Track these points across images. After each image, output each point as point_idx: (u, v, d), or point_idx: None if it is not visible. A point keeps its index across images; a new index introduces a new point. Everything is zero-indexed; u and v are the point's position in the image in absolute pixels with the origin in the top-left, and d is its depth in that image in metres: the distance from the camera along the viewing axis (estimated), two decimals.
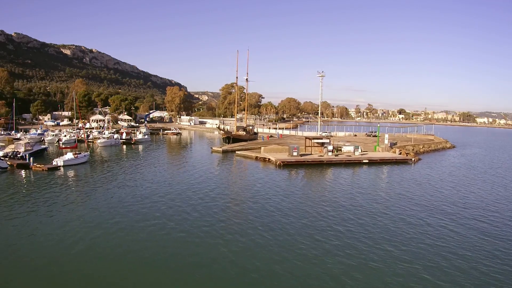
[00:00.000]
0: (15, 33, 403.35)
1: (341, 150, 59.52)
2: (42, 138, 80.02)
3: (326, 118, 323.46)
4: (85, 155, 49.61)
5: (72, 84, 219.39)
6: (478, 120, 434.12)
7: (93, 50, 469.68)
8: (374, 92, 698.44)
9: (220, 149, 63.58)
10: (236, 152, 60.24)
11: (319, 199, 33.60)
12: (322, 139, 58.18)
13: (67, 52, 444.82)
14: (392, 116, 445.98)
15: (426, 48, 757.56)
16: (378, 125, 72.21)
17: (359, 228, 25.68)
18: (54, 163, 46.56)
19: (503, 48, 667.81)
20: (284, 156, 52.94)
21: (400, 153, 64.01)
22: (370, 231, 25.21)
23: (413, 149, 74.63)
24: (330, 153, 54.66)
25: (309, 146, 58.08)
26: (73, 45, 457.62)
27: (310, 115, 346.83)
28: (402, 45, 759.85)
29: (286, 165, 49.41)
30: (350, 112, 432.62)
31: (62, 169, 45.51)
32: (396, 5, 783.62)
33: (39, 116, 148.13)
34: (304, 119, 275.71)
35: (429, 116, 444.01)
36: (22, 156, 49.96)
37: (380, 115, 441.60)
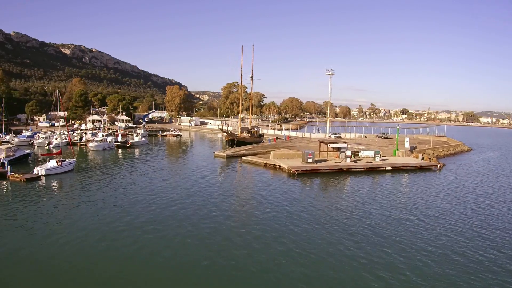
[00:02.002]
0: (14, 32, 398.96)
1: (358, 155, 53.44)
2: (32, 141, 74.04)
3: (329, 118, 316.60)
4: (70, 162, 43.48)
5: (70, 83, 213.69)
6: (482, 120, 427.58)
7: (93, 50, 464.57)
8: (375, 91, 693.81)
9: (224, 154, 57.37)
10: (242, 157, 53.93)
11: (345, 217, 27.52)
12: (338, 143, 51.94)
13: (67, 51, 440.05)
14: (395, 116, 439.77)
15: (426, 48, 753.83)
16: (398, 126, 66.05)
17: (398, 257, 19.71)
18: (34, 172, 40.56)
19: (503, 48, 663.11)
20: (297, 163, 46.78)
21: (423, 159, 57.97)
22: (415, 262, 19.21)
23: (433, 153, 68.66)
24: (348, 159, 48.58)
25: (323, 151, 51.87)
26: (73, 44, 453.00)
27: (313, 115, 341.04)
28: (402, 45, 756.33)
29: (301, 174, 43.26)
30: (352, 112, 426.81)
31: (43, 179, 39.48)
32: (396, 5, 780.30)
33: (34, 117, 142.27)
34: (307, 119, 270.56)
35: (432, 116, 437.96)
36: (2, 163, 44.00)
37: (383, 115, 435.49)
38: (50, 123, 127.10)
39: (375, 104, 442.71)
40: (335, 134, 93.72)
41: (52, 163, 41.50)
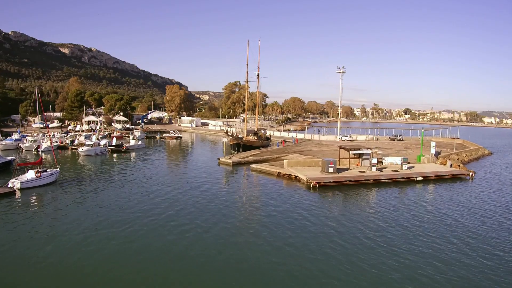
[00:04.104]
0: (12, 31, 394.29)
1: (382, 162, 47.28)
2: (19, 145, 67.98)
3: (331, 118, 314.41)
4: (52, 173, 37.16)
5: (67, 83, 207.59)
6: (485, 120, 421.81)
7: (92, 49, 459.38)
8: (374, 91, 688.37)
9: (230, 161, 51.04)
10: (251, 165, 47.50)
11: (392, 247, 21.43)
12: (360, 149, 45.67)
13: (66, 51, 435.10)
14: (397, 116, 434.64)
15: (425, 48, 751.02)
16: (422, 129, 59.83)
17: None
18: (9, 185, 34.41)
19: (503, 48, 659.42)
20: (316, 172, 40.55)
21: (451, 165, 51.81)
22: None
23: (457, 158, 62.54)
24: (373, 168, 42.39)
25: (344, 158, 45.59)
26: (72, 44, 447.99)
27: (316, 115, 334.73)
28: (402, 44, 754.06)
29: (323, 186, 36.95)
30: (354, 112, 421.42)
31: (18, 193, 33.37)
32: (396, 5, 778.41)
33: (29, 118, 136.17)
34: (310, 120, 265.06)
35: (435, 116, 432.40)
36: None
37: (385, 114, 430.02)
38: (44, 124, 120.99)
39: (378, 104, 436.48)
40: (346, 136, 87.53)
41: (30, 174, 35.30)
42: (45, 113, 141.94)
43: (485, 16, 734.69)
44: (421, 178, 42.32)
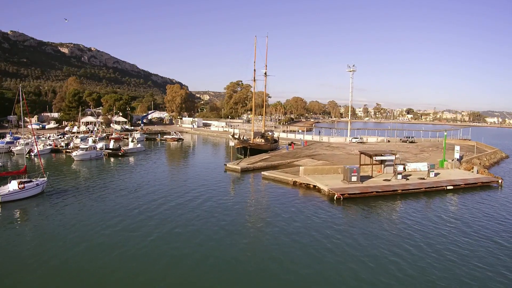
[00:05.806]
0: (11, 31, 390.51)
1: (405, 168, 42.85)
2: (10, 148, 63.76)
3: (334, 118, 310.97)
4: (38, 184, 32.52)
5: (65, 82, 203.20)
6: (488, 120, 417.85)
7: (92, 49, 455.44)
8: (375, 91, 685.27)
9: (238, 167, 46.44)
10: (263, 173, 42.38)
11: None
12: (383, 155, 41.21)
13: (65, 50, 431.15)
14: (400, 116, 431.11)
15: (425, 48, 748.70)
16: (445, 133, 55.50)
17: None
18: None
19: (504, 48, 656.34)
20: (337, 181, 35.99)
21: (478, 171, 47.45)
22: None
23: (479, 163, 58.21)
24: (399, 176, 37.99)
25: (365, 165, 41.05)
26: (71, 43, 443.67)
27: (318, 115, 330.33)
28: (402, 44, 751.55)
29: (347, 198, 32.51)
30: (356, 112, 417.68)
31: None
32: (396, 5, 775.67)
33: (25, 118, 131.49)
34: (312, 120, 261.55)
35: (438, 116, 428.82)
36: None
37: (387, 114, 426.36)
38: (41, 126, 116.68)
39: (380, 104, 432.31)
40: (357, 138, 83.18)
41: (13, 185, 30.85)
42: (42, 114, 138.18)
43: (485, 16, 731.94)
44: (451, 187, 37.90)
